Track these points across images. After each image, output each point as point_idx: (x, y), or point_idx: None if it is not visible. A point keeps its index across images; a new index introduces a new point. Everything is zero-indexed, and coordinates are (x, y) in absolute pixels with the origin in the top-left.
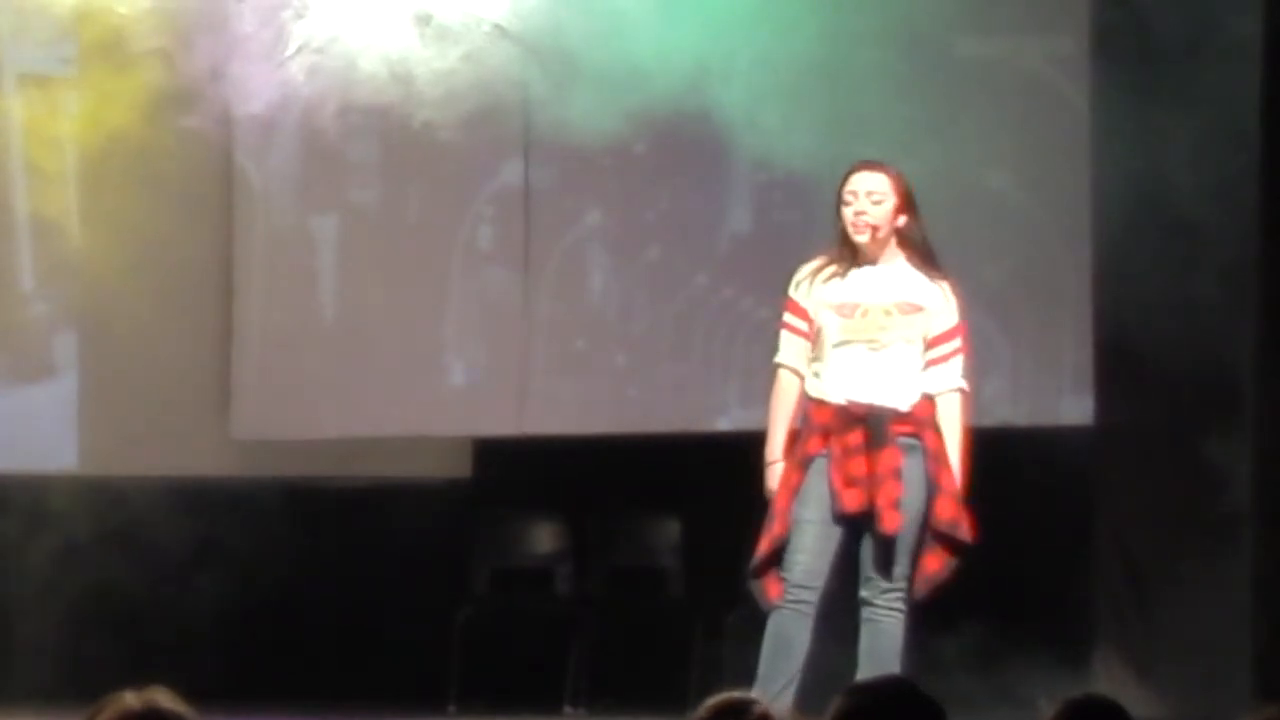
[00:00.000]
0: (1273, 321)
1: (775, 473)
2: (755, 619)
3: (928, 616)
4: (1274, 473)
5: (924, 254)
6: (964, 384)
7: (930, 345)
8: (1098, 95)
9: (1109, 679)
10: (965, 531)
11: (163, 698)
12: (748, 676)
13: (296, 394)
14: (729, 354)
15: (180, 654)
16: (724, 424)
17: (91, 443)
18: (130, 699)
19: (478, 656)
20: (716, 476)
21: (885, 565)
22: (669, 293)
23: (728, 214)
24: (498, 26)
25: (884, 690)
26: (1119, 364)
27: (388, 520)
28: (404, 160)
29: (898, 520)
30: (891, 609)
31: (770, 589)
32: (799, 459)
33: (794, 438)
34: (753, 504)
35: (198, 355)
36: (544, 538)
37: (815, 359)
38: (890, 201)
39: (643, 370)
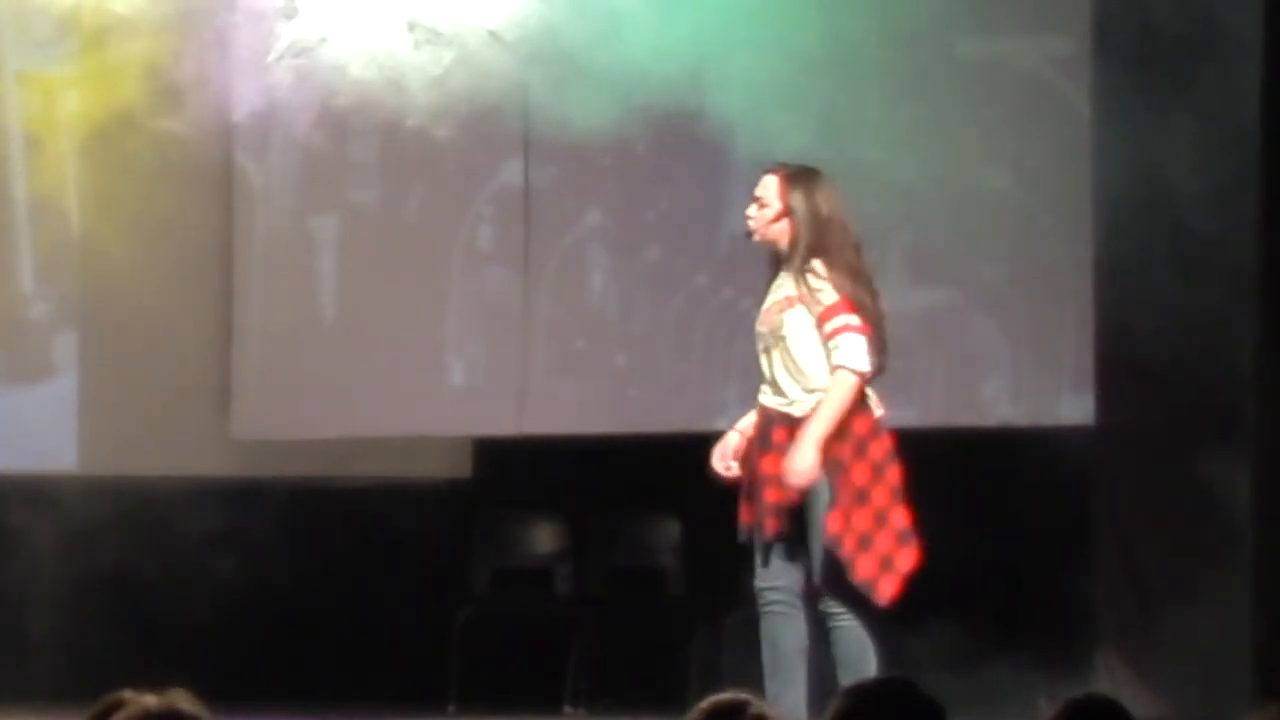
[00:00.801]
0: (1273, 321)
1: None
2: (755, 619)
3: (928, 616)
4: (1275, 472)
5: (809, 249)
6: (852, 363)
7: (818, 331)
8: (1098, 95)
9: (1109, 679)
10: (874, 542)
11: (182, 700)
12: (747, 676)
13: (296, 394)
14: (729, 354)
15: (180, 653)
16: (724, 424)
17: (91, 443)
18: (149, 700)
19: (478, 656)
20: (716, 476)
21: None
22: (669, 293)
23: (728, 214)
24: (493, 33)
25: (884, 690)
26: (1119, 364)
27: (388, 520)
28: (404, 160)
29: (773, 526)
30: (835, 613)
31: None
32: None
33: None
34: None
35: (198, 355)
36: (544, 538)
37: None
38: (774, 207)
39: (643, 370)
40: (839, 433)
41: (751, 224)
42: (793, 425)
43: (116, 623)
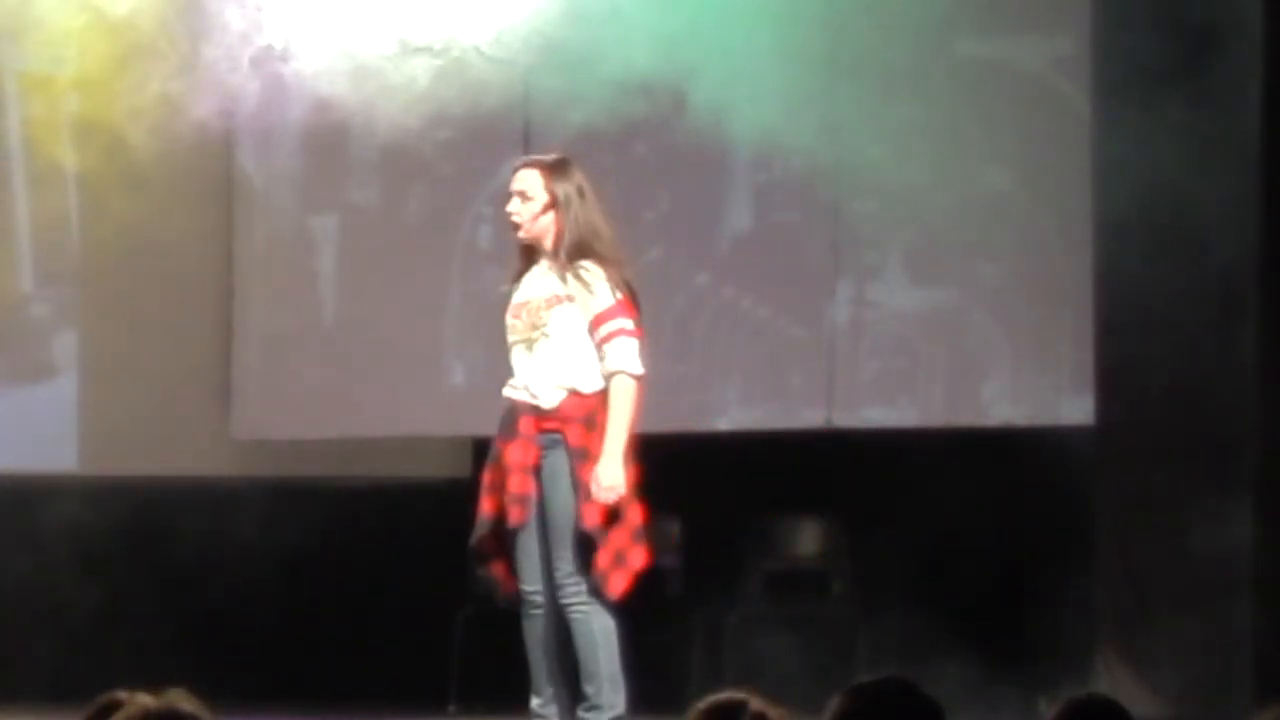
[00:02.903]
0: (1273, 321)
1: None
2: (755, 619)
3: (928, 615)
4: (1275, 472)
5: (576, 243)
6: (629, 367)
7: (591, 332)
8: (1098, 95)
9: (1109, 679)
10: (610, 538)
11: (180, 699)
12: (747, 676)
13: (296, 394)
14: (729, 354)
15: (180, 653)
16: (724, 424)
17: (91, 443)
18: (147, 700)
19: (478, 656)
20: (716, 476)
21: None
22: (669, 293)
23: (728, 214)
24: (494, 34)
25: (883, 690)
26: (1119, 364)
27: (388, 520)
28: (404, 160)
29: (516, 514)
30: (571, 604)
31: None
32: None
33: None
34: (752, 504)
35: (198, 355)
36: None
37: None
38: (541, 199)
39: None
40: (588, 426)
41: (516, 219)
42: (541, 417)
43: (116, 622)
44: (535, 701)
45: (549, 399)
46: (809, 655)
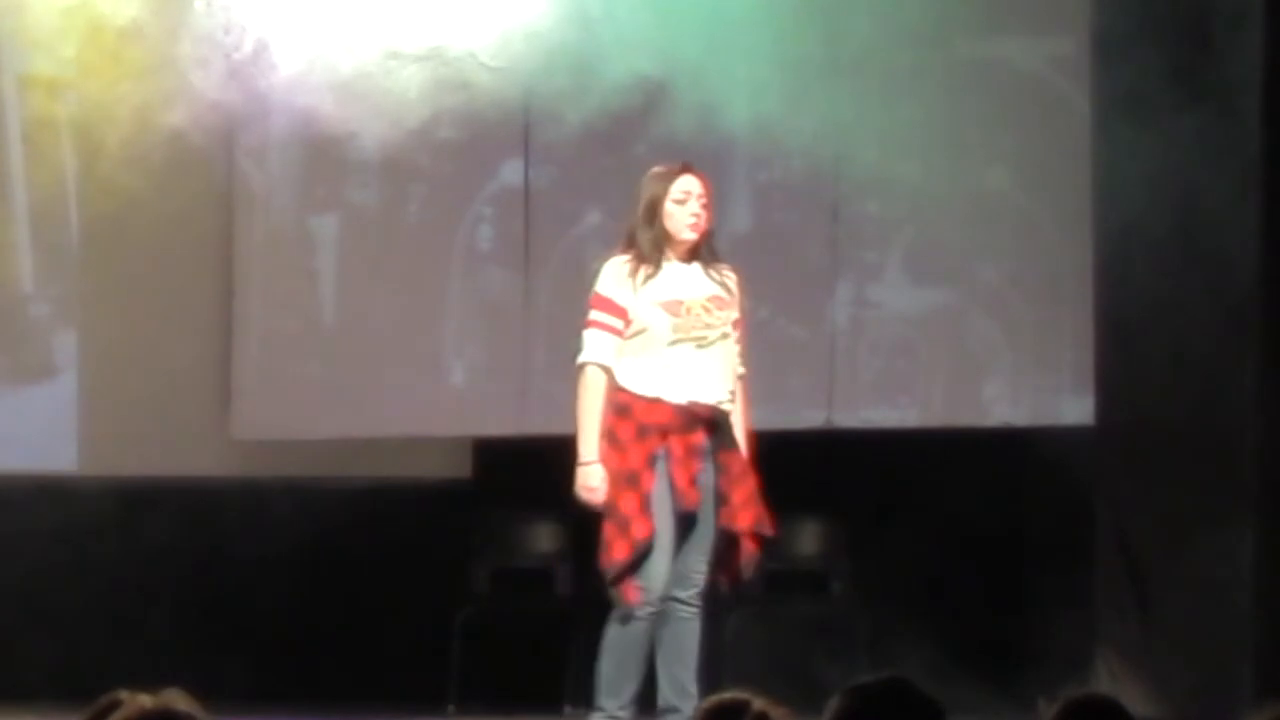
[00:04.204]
0: (1273, 321)
1: (595, 473)
2: (756, 620)
3: (928, 615)
4: (1275, 472)
5: (715, 250)
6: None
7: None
8: (1098, 95)
9: (1109, 679)
10: (768, 526)
11: (178, 699)
12: (748, 676)
13: (296, 394)
14: None
15: (180, 653)
16: None
17: (91, 443)
18: (146, 700)
19: (478, 656)
20: None
21: (728, 563)
22: None
23: (727, 214)
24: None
25: (883, 690)
26: (1119, 364)
27: (388, 520)
28: (404, 160)
29: (752, 516)
30: (696, 605)
31: (630, 594)
32: (644, 460)
33: (608, 437)
34: None
35: (198, 355)
36: (544, 538)
37: (639, 356)
38: (709, 207)
39: None
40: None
41: (703, 221)
42: (712, 416)
43: (116, 622)
44: (612, 704)
45: (731, 399)
46: (809, 655)
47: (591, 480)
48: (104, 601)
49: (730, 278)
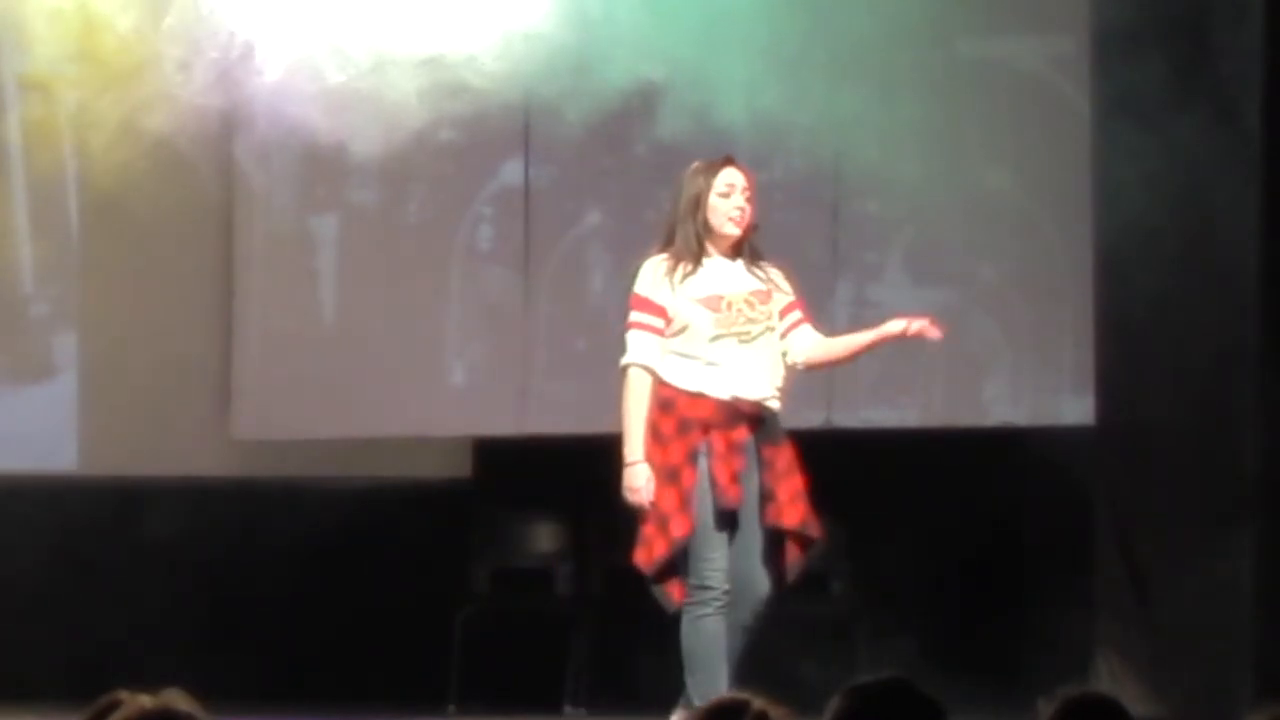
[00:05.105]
0: (1274, 320)
1: (640, 473)
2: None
3: (928, 615)
4: (1276, 472)
5: (757, 248)
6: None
7: (781, 318)
8: (1098, 95)
9: (1109, 679)
10: (814, 527)
11: (177, 699)
12: (747, 676)
13: (296, 394)
14: None
15: (181, 653)
16: None
17: (91, 443)
18: (146, 700)
19: (478, 656)
20: None
21: (772, 567)
22: None
23: None
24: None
25: (883, 690)
26: (1119, 364)
27: (388, 520)
28: (404, 160)
29: (799, 514)
30: (758, 625)
31: (675, 592)
32: (685, 455)
33: (651, 431)
34: None
35: (198, 355)
36: (544, 538)
37: (683, 352)
38: (753, 201)
39: None
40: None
41: (748, 214)
42: (757, 411)
43: (115, 622)
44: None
45: (778, 394)
46: (809, 655)
47: (637, 480)
48: (104, 601)
49: (776, 273)
